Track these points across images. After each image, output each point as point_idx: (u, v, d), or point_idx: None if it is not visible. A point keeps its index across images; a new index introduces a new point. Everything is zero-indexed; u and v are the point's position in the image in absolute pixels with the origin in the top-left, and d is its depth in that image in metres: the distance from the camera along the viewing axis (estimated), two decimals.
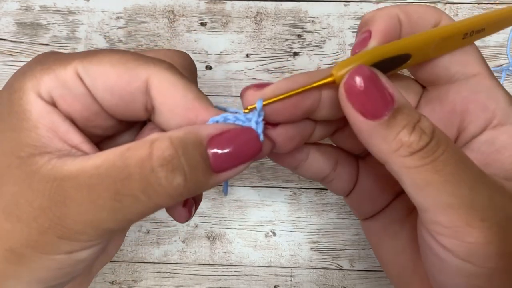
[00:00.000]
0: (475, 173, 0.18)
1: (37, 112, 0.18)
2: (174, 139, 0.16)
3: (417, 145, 0.17)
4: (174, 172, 0.16)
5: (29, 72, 0.18)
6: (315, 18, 0.38)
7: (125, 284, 0.37)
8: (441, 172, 0.17)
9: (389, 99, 0.17)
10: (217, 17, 0.38)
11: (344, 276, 0.37)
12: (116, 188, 0.16)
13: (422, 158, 0.17)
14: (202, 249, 0.37)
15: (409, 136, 0.17)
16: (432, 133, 0.17)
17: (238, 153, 0.18)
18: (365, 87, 0.17)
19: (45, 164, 0.17)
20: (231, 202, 0.38)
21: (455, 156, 0.17)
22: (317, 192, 0.37)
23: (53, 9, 0.39)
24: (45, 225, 0.17)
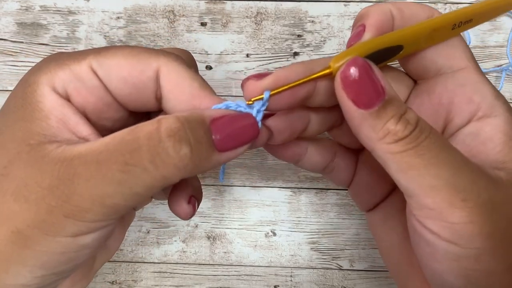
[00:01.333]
0: (458, 157, 0.19)
1: (49, 104, 0.19)
2: (179, 116, 0.18)
3: (402, 133, 0.18)
4: (181, 143, 0.17)
5: (44, 67, 0.20)
6: (315, 18, 0.38)
7: (125, 284, 0.37)
8: (424, 156, 0.18)
9: (381, 90, 0.18)
10: (217, 17, 0.38)
11: (344, 276, 0.37)
12: (125, 159, 0.17)
13: (406, 144, 0.18)
14: (202, 249, 0.37)
15: (395, 125, 0.18)
16: (416, 123, 0.18)
17: (238, 134, 0.19)
18: (359, 77, 0.19)
19: (54, 149, 0.18)
20: (231, 202, 0.38)
21: (438, 142, 0.18)
22: (317, 192, 0.37)
23: (53, 9, 0.39)
24: (52, 203, 0.17)
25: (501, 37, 0.38)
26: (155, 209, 0.38)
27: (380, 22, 0.21)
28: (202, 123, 0.18)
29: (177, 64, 0.20)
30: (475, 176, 0.18)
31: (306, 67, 0.20)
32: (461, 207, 0.18)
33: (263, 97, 0.19)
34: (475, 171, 0.19)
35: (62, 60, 0.20)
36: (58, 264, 0.18)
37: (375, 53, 0.20)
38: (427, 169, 0.18)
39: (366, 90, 0.18)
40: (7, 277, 0.18)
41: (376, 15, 0.21)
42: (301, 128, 0.23)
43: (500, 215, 0.18)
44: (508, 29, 0.38)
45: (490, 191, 0.18)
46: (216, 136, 0.18)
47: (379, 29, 0.21)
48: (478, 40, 0.38)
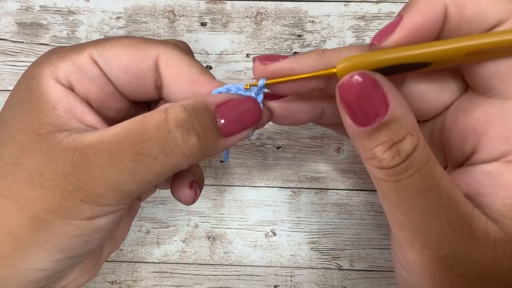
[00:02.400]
0: (437, 205, 0.17)
1: (56, 95, 0.20)
2: (186, 105, 0.18)
3: (387, 164, 0.17)
4: (189, 133, 0.18)
5: (46, 61, 0.20)
6: (315, 18, 0.38)
7: (125, 284, 0.37)
8: (400, 194, 0.17)
9: (381, 110, 0.17)
10: (217, 17, 0.38)
11: (344, 276, 0.37)
12: (136, 149, 0.18)
13: (388, 174, 0.17)
14: (202, 249, 0.37)
15: (382, 153, 0.17)
16: (407, 156, 0.17)
17: (242, 118, 0.20)
18: (358, 94, 0.17)
19: (65, 138, 0.19)
20: (231, 202, 0.38)
21: (422, 183, 0.17)
22: (317, 192, 0.37)
23: (53, 9, 0.39)
24: (68, 189, 0.18)
25: None
26: (155, 209, 0.38)
27: (421, 22, 0.17)
28: (207, 111, 0.19)
29: (175, 51, 0.21)
30: (449, 228, 0.17)
31: (323, 61, 0.19)
32: (419, 251, 0.18)
33: (257, 84, 0.20)
34: (453, 222, 0.17)
35: (63, 53, 0.20)
36: (74, 247, 0.19)
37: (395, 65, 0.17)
38: (399, 206, 0.17)
39: (364, 107, 0.17)
40: (24, 262, 0.18)
41: (420, 11, 0.17)
42: (310, 116, 0.22)
43: (459, 272, 0.17)
44: None
45: (458, 246, 0.17)
46: (222, 122, 0.19)
47: (414, 34, 0.17)
48: None
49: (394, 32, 0.17)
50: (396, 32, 0.17)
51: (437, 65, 0.18)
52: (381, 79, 0.17)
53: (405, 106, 0.17)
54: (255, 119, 0.20)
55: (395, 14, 0.38)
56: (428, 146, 0.17)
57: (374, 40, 0.18)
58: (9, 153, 0.19)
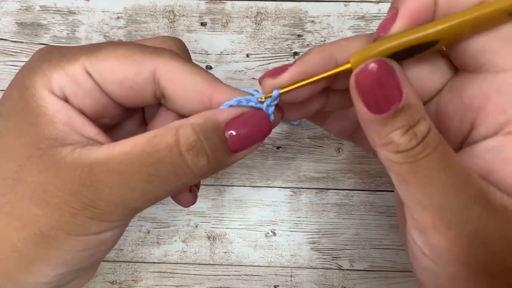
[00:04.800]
0: (457, 180, 0.17)
1: (53, 107, 0.19)
2: (196, 125, 0.18)
3: (404, 147, 0.17)
4: (198, 156, 0.18)
5: (38, 69, 0.19)
6: (315, 18, 0.38)
7: (125, 284, 0.37)
8: (419, 174, 0.17)
9: (395, 97, 0.17)
10: (217, 17, 0.38)
11: (344, 276, 0.37)
12: (148, 171, 0.18)
13: (405, 157, 0.17)
14: (202, 249, 0.37)
15: (399, 137, 0.17)
16: (423, 137, 0.17)
17: (252, 134, 0.20)
18: (375, 82, 0.17)
19: (69, 153, 0.18)
20: (231, 202, 0.38)
21: (439, 161, 0.17)
22: (317, 192, 0.37)
23: (53, 9, 0.39)
24: (76, 207, 0.18)
25: None
26: (155, 209, 0.38)
27: (417, 8, 0.18)
28: (217, 130, 0.19)
29: (174, 61, 0.20)
30: (470, 203, 0.17)
31: (326, 57, 0.19)
32: (443, 232, 0.18)
33: (271, 95, 0.20)
34: (473, 197, 0.17)
35: (55, 61, 0.19)
36: (79, 261, 0.19)
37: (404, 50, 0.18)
38: (419, 187, 0.18)
39: (380, 95, 0.17)
40: (29, 277, 0.18)
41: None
42: (317, 107, 0.22)
43: (486, 248, 0.17)
44: None
45: (482, 221, 0.17)
46: (231, 140, 0.19)
47: (415, 18, 0.18)
48: None
49: (396, 21, 0.18)
50: (398, 20, 0.18)
51: (443, 43, 0.18)
52: (396, 66, 0.18)
53: (416, 92, 0.18)
54: (265, 133, 0.20)
55: None
56: None
57: (379, 32, 0.19)
58: (7, 167, 0.18)
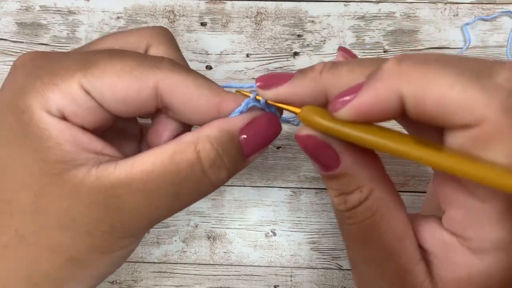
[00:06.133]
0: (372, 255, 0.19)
1: (55, 129, 0.18)
2: (213, 140, 0.19)
3: (335, 206, 0.19)
4: (219, 170, 0.19)
5: (30, 89, 0.18)
6: (315, 18, 0.38)
7: (125, 284, 0.37)
8: (343, 232, 0.20)
9: (331, 165, 0.18)
10: (217, 17, 0.38)
11: (344, 276, 0.37)
12: (175, 190, 0.18)
13: (336, 213, 0.20)
14: (202, 249, 0.37)
15: (333, 196, 0.19)
16: (351, 208, 0.18)
17: (264, 137, 0.21)
18: (311, 150, 0.18)
19: (85, 176, 0.18)
20: (231, 202, 0.38)
21: (359, 234, 0.19)
22: (317, 192, 0.37)
23: (53, 9, 0.39)
24: (106, 229, 0.18)
25: (501, 37, 0.38)
26: None
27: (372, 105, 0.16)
28: (233, 140, 0.20)
29: (175, 75, 0.19)
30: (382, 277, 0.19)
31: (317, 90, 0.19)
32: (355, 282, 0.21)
33: (260, 99, 0.21)
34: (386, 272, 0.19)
35: (47, 78, 0.18)
36: (108, 272, 0.21)
37: None
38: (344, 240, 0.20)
39: (318, 159, 0.18)
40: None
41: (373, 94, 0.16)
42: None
43: None
44: (508, 29, 0.38)
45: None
46: (245, 146, 0.20)
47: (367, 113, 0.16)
48: (478, 40, 0.38)
49: (346, 106, 0.16)
50: (347, 107, 0.16)
51: None
52: (333, 142, 0.18)
53: (363, 164, 0.18)
54: (276, 135, 0.21)
55: (395, 14, 0.38)
56: (382, 201, 0.18)
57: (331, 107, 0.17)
58: (23, 199, 0.18)
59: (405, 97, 0.15)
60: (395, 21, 0.38)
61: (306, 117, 0.18)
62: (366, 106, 0.16)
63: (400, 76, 0.15)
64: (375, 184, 0.18)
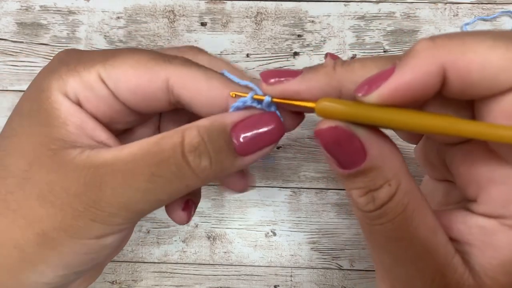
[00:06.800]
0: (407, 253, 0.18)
1: (66, 110, 0.19)
2: (201, 127, 0.19)
3: (362, 208, 0.17)
4: (200, 156, 0.18)
5: (55, 73, 0.20)
6: (315, 18, 0.38)
7: (125, 284, 0.37)
8: (372, 236, 0.18)
9: (358, 159, 0.17)
10: (217, 17, 0.38)
11: (344, 276, 0.37)
12: (151, 171, 0.18)
13: (363, 217, 0.18)
14: (202, 249, 0.37)
15: (357, 197, 0.17)
16: (381, 205, 0.17)
17: (260, 137, 0.19)
18: (334, 144, 0.17)
19: (78, 154, 0.19)
20: (231, 202, 0.38)
21: (393, 232, 0.17)
22: (317, 192, 0.37)
23: (53, 9, 0.39)
24: (80, 208, 0.18)
25: None
26: None
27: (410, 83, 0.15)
28: (222, 132, 0.19)
29: (186, 69, 0.20)
30: (418, 275, 0.18)
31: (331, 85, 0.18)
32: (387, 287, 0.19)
33: (263, 98, 0.20)
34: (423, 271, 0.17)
35: (73, 65, 0.20)
36: (80, 264, 0.20)
37: None
38: (371, 246, 0.19)
39: (341, 155, 0.17)
40: (30, 276, 0.19)
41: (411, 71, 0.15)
42: None
43: None
44: (508, 29, 0.38)
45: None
46: (237, 142, 0.19)
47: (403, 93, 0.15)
48: None
49: (379, 87, 0.16)
50: (381, 88, 0.16)
51: None
52: (359, 130, 0.17)
53: (388, 154, 0.17)
54: (276, 136, 0.19)
55: (395, 14, 0.38)
56: (411, 192, 0.17)
57: (358, 91, 0.16)
58: (17, 165, 0.19)
59: (447, 68, 0.15)
60: (395, 21, 0.38)
61: (327, 109, 0.17)
62: (404, 85, 0.15)
63: (439, 48, 0.15)
64: (402, 176, 0.17)
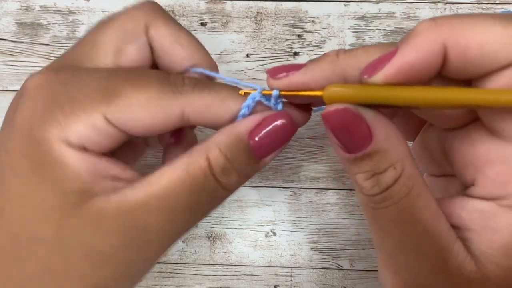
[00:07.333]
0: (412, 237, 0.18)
1: (74, 160, 0.18)
2: (221, 146, 0.19)
3: (366, 191, 0.18)
4: (229, 175, 0.19)
5: (49, 119, 0.18)
6: (315, 18, 0.38)
7: None
8: (377, 221, 0.18)
9: (363, 142, 0.17)
10: (217, 17, 0.38)
11: (344, 276, 0.37)
12: (193, 201, 0.19)
13: (367, 201, 0.18)
14: (202, 249, 0.37)
15: (363, 181, 0.17)
16: (385, 188, 0.17)
17: (275, 138, 0.20)
18: (341, 127, 0.17)
19: (105, 204, 0.18)
20: (231, 202, 0.38)
21: (397, 215, 0.17)
22: (317, 192, 0.37)
23: (53, 9, 0.39)
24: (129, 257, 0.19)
25: None
26: None
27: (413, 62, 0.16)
28: (241, 143, 0.19)
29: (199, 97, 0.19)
30: (422, 260, 0.18)
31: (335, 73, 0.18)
32: (391, 275, 0.19)
33: (272, 93, 0.20)
34: (427, 255, 0.17)
35: (69, 108, 0.18)
36: None
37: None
38: (375, 232, 0.19)
39: (348, 138, 0.17)
40: None
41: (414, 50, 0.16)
42: None
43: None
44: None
45: (429, 279, 0.18)
46: (256, 148, 0.20)
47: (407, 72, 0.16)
48: None
49: (384, 68, 0.16)
50: (385, 68, 0.16)
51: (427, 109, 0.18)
52: (366, 113, 0.17)
53: (393, 138, 0.17)
54: (290, 135, 0.20)
55: (395, 14, 0.38)
56: (415, 177, 0.17)
57: (364, 73, 0.17)
58: (45, 232, 0.18)
59: (447, 46, 0.15)
60: (395, 21, 0.38)
61: (334, 94, 0.17)
62: (408, 64, 0.16)
63: (439, 28, 0.16)
64: (406, 160, 0.17)
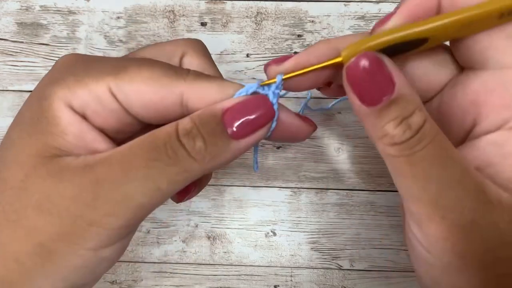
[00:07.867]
0: (453, 173, 0.18)
1: (66, 119, 0.19)
2: (193, 115, 0.19)
3: (399, 139, 0.17)
4: (194, 139, 0.19)
5: (61, 81, 0.19)
6: (315, 18, 0.38)
7: (125, 284, 0.37)
8: (415, 167, 0.18)
9: (387, 89, 0.17)
10: (217, 17, 0.38)
11: (344, 276, 0.37)
12: (148, 156, 0.18)
13: (401, 150, 0.18)
14: (202, 249, 0.37)
15: (394, 129, 0.17)
16: (418, 129, 0.17)
17: (252, 119, 0.20)
18: (365, 74, 0.18)
19: (73, 160, 0.19)
20: (231, 202, 0.38)
21: (436, 153, 0.18)
22: (317, 192, 0.37)
23: (53, 9, 0.39)
24: (77, 212, 0.18)
25: None
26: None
27: (416, 6, 0.19)
28: (213, 116, 0.19)
29: (200, 85, 0.20)
30: (466, 195, 0.18)
31: (331, 48, 0.20)
32: (438, 222, 0.18)
33: (275, 81, 0.20)
34: (469, 190, 0.18)
35: (80, 76, 0.19)
36: (78, 277, 0.19)
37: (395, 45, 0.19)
38: (415, 181, 0.18)
39: (372, 87, 0.18)
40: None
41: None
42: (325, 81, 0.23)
43: (480, 238, 0.18)
44: None
45: (477, 213, 0.17)
46: (230, 125, 0.19)
47: (412, 15, 0.19)
48: None
49: (393, 16, 0.19)
50: (394, 16, 0.19)
51: (434, 41, 0.19)
52: (386, 59, 0.18)
53: (410, 84, 0.18)
54: (267, 118, 0.20)
55: None
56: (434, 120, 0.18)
57: (375, 27, 0.19)
58: (15, 177, 0.18)
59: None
60: None
61: (353, 48, 0.18)
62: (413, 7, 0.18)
63: None
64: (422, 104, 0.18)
